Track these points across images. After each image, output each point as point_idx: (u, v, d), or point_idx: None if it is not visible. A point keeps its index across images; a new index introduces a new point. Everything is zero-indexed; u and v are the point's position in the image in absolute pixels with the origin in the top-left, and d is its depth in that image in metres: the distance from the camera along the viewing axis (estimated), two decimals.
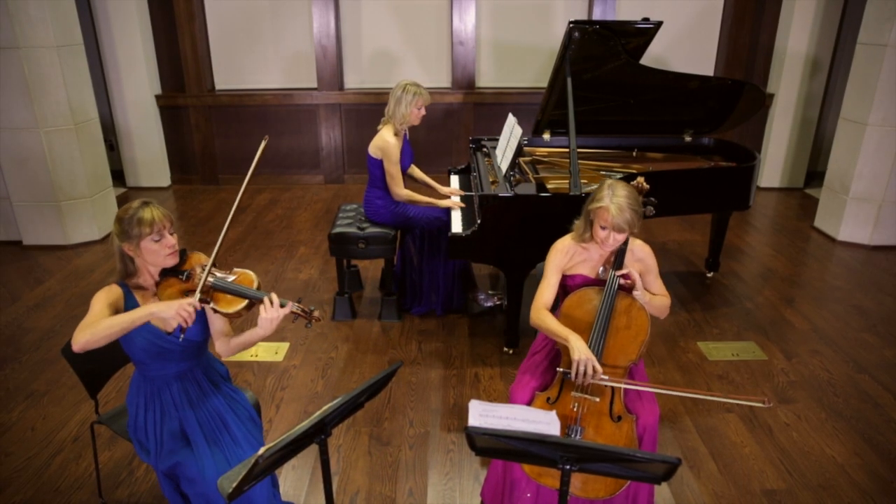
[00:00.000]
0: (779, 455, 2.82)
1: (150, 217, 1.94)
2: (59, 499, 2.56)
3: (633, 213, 2.14)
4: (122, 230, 1.96)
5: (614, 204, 2.12)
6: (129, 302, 2.02)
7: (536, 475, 2.16)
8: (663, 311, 2.32)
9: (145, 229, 1.93)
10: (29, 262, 4.84)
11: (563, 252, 2.34)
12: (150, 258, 1.99)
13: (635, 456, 1.41)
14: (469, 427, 1.49)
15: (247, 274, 2.12)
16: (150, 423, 2.11)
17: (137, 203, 1.98)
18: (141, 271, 2.04)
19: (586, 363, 2.03)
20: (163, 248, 1.98)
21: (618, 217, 2.12)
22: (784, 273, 4.62)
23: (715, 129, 4.39)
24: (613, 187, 2.17)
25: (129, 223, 1.94)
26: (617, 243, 2.21)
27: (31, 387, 3.29)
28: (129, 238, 1.95)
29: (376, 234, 3.77)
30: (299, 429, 1.49)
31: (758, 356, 3.57)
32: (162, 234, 1.97)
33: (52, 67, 4.70)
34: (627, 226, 2.13)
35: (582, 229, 2.28)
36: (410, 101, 3.62)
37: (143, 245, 1.96)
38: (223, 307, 2.03)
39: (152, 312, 1.88)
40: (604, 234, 2.18)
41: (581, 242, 2.31)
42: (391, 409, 3.11)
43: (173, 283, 2.04)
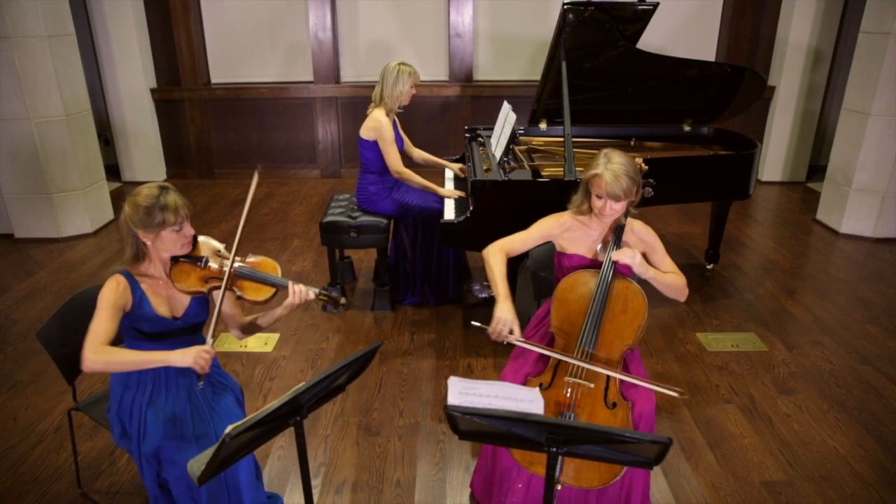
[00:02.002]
0: (779, 446, 2.73)
1: (175, 206, 1.85)
2: (38, 489, 2.50)
3: (630, 181, 2.07)
4: (141, 218, 1.85)
5: (609, 171, 2.06)
6: (135, 293, 1.94)
7: (528, 463, 2.08)
8: (680, 290, 2.21)
9: (169, 219, 1.85)
10: (20, 254, 4.78)
11: (559, 223, 2.26)
12: (165, 247, 1.92)
13: (623, 436, 1.34)
14: (448, 406, 1.42)
15: (268, 261, 2.09)
16: (136, 404, 2.04)
17: (157, 188, 1.87)
18: (150, 258, 1.97)
19: (504, 323, 2.04)
20: (181, 238, 1.92)
21: (613, 184, 2.05)
22: (785, 265, 4.53)
23: (715, 118, 4.31)
24: (609, 155, 2.10)
25: (151, 212, 1.84)
26: (614, 213, 2.13)
27: (16, 377, 3.22)
28: (149, 227, 1.86)
29: (369, 222, 3.70)
30: (270, 407, 1.42)
31: (758, 347, 3.48)
32: (183, 224, 1.90)
33: (44, 58, 4.64)
34: (623, 193, 2.06)
35: (579, 201, 2.21)
36: (406, 80, 3.59)
37: (164, 235, 1.88)
38: (251, 295, 1.99)
39: (167, 360, 1.83)
40: (600, 203, 2.11)
41: (579, 216, 2.24)
42: (381, 400, 3.04)
43: (190, 271, 1.98)
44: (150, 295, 1.96)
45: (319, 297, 2.05)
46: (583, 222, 2.26)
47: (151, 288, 1.97)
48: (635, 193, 2.15)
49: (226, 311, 2.12)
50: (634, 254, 2.10)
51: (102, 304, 1.86)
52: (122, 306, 1.90)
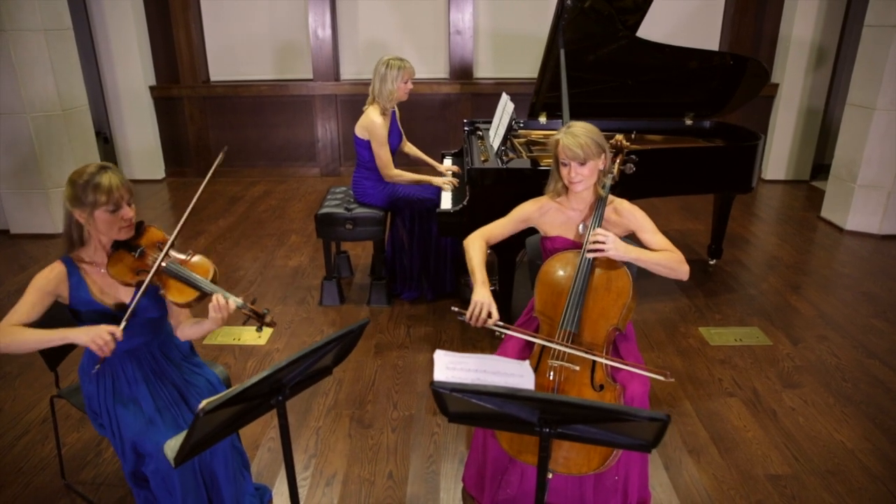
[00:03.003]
0: (784, 440, 2.65)
1: (108, 184, 1.76)
2: (21, 480, 2.43)
3: (590, 140, 2.04)
4: (74, 195, 1.78)
5: (567, 133, 2.06)
6: (72, 280, 1.87)
7: (516, 452, 2.01)
8: (674, 267, 2.08)
9: (101, 197, 1.76)
10: (14, 249, 4.74)
11: (537, 206, 2.23)
12: (102, 229, 1.83)
13: (618, 412, 1.27)
14: (435, 383, 1.35)
15: (204, 263, 1.95)
16: (102, 398, 1.98)
17: (95, 167, 1.80)
18: (91, 242, 1.89)
19: (482, 306, 1.99)
20: (118, 221, 1.82)
21: (572, 145, 2.03)
22: (790, 261, 4.46)
23: (717, 111, 4.25)
24: (569, 124, 2.10)
25: (84, 189, 1.76)
26: (583, 179, 2.08)
27: (4, 369, 3.17)
28: (81, 204, 1.78)
29: (364, 214, 3.64)
30: (248, 383, 1.36)
31: (762, 341, 3.41)
32: (119, 204, 1.80)
33: (40, 51, 4.61)
34: (583, 152, 2.02)
35: (554, 181, 2.18)
36: (396, 76, 3.49)
37: (98, 215, 1.79)
38: (173, 296, 1.88)
39: (66, 337, 1.75)
40: (566, 170, 2.08)
41: (557, 197, 2.19)
42: (375, 392, 2.97)
43: (124, 258, 1.90)
44: (89, 282, 1.88)
45: (242, 310, 1.86)
46: (561, 203, 2.21)
47: (91, 275, 1.90)
48: (603, 159, 2.10)
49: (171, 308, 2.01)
50: (607, 236, 2.01)
51: (30, 287, 1.82)
52: (51, 292, 1.83)
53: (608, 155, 2.13)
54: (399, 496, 2.36)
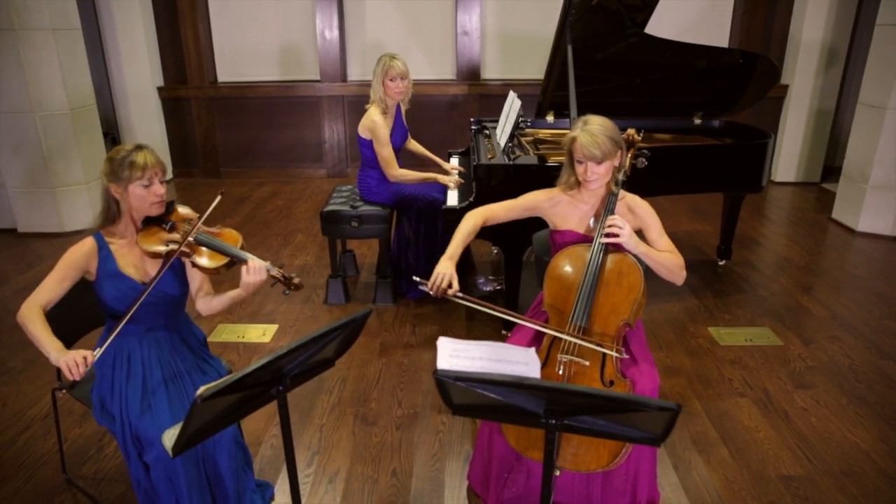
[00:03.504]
0: (796, 440, 2.60)
1: (143, 161, 1.89)
2: (22, 474, 2.41)
3: (608, 140, 2.00)
4: (111, 170, 1.89)
5: (585, 132, 2.01)
6: (102, 254, 1.93)
7: (523, 448, 1.97)
8: (674, 270, 2.07)
9: (136, 172, 1.87)
10: (22, 247, 4.75)
11: (546, 193, 2.19)
12: (136, 203, 1.92)
13: (626, 400, 1.23)
14: (438, 371, 1.32)
15: (232, 233, 2.07)
16: (116, 383, 1.97)
17: (131, 146, 1.93)
18: (124, 217, 1.97)
19: (443, 277, 1.99)
20: (150, 196, 1.92)
21: (590, 144, 1.98)
22: (800, 262, 4.40)
23: (726, 110, 4.20)
24: (586, 119, 2.06)
25: (121, 164, 1.88)
26: (598, 178, 2.04)
27: (8, 364, 3.16)
28: (118, 179, 1.89)
29: (370, 212, 3.61)
30: (247, 370, 1.33)
31: (773, 342, 3.35)
32: (152, 180, 1.91)
33: (49, 51, 4.62)
34: (601, 152, 1.98)
35: (566, 175, 2.13)
36: (379, 73, 3.47)
37: (132, 189, 1.89)
38: (204, 262, 1.96)
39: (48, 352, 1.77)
40: (581, 167, 2.04)
41: (568, 190, 2.15)
42: (379, 390, 2.94)
43: (155, 231, 1.99)
44: (117, 255, 1.95)
45: (271, 273, 1.97)
46: (573, 196, 2.18)
47: (120, 249, 1.97)
48: (619, 156, 2.07)
49: (193, 282, 2.08)
50: (624, 224, 1.99)
51: (60, 262, 1.88)
52: (80, 267, 1.89)
53: (624, 151, 2.09)
54: (403, 494, 2.33)
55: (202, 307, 2.09)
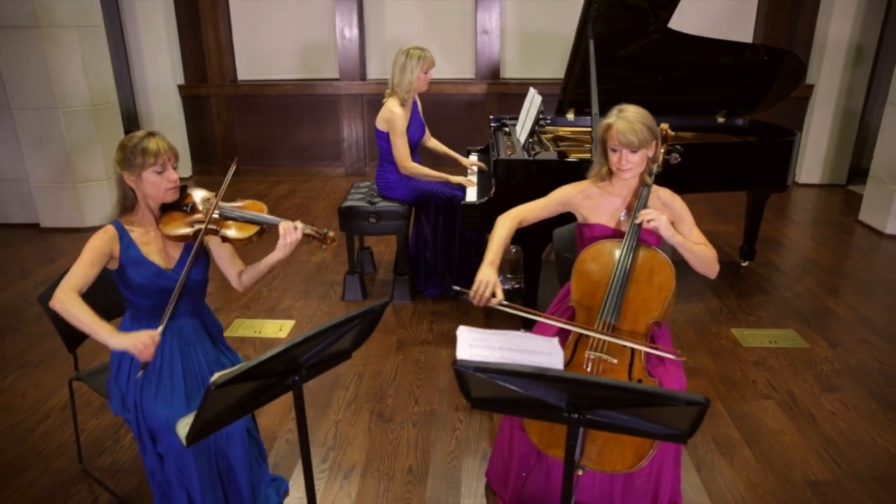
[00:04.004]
0: (824, 445, 2.52)
1: (156, 147, 1.87)
2: (39, 464, 2.42)
3: (644, 128, 1.95)
4: (124, 157, 1.88)
5: (621, 119, 1.96)
6: (123, 241, 1.92)
7: (546, 445, 1.93)
8: (710, 263, 2.04)
9: (149, 159, 1.85)
10: (44, 242, 4.79)
11: (577, 187, 2.14)
12: (150, 190, 1.91)
13: (652, 393, 1.18)
14: (458, 362, 1.28)
15: (256, 202, 2.07)
16: (133, 370, 1.95)
17: (143, 132, 1.91)
18: (140, 206, 1.96)
19: (487, 285, 1.91)
20: (164, 182, 1.90)
21: (626, 131, 1.93)
22: (826, 264, 4.30)
23: (751, 108, 4.12)
24: (622, 107, 2.01)
25: (133, 151, 1.86)
26: (633, 167, 1.99)
27: (28, 356, 3.18)
28: (130, 167, 1.87)
29: (388, 208, 3.59)
30: (262, 357, 1.30)
31: (798, 344, 3.27)
32: (165, 166, 1.89)
33: (72, 47, 4.67)
34: (638, 140, 1.93)
35: (598, 165, 2.08)
36: (416, 65, 3.44)
37: (145, 176, 1.88)
38: (235, 234, 1.96)
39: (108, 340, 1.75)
40: (616, 156, 1.99)
41: (599, 182, 2.10)
42: (396, 387, 2.91)
43: (176, 215, 1.98)
44: (139, 243, 1.93)
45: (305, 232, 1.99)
46: (604, 188, 2.12)
47: (141, 237, 1.95)
48: (654, 146, 2.02)
49: (222, 263, 2.08)
50: (661, 214, 1.96)
51: (86, 248, 1.86)
52: (106, 253, 1.87)
53: (659, 141, 2.04)
54: (419, 491, 2.29)
55: (240, 283, 2.08)
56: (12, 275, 4.19)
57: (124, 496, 2.25)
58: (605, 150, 2.04)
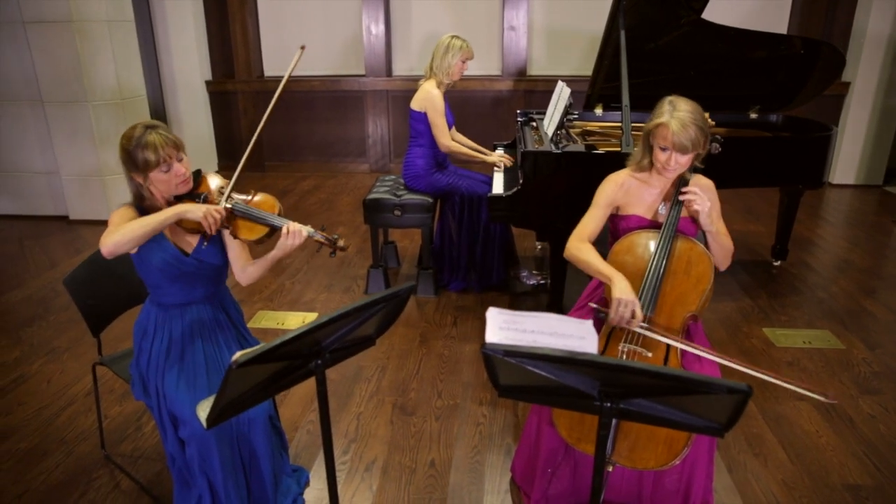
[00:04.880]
0: (863, 448, 2.42)
1: (155, 145, 1.79)
2: (63, 448, 2.42)
3: (698, 130, 1.86)
4: (126, 160, 1.82)
5: (675, 119, 1.85)
6: None
7: (576, 440, 1.87)
8: (727, 252, 2.01)
9: (151, 158, 1.79)
10: (72, 234, 4.86)
11: (618, 184, 2.06)
12: (161, 187, 1.86)
13: (691, 379, 1.13)
14: (487, 345, 1.23)
15: (268, 199, 1.99)
16: (154, 357, 1.94)
17: (141, 128, 1.82)
18: (154, 198, 1.91)
19: (627, 304, 1.77)
20: (173, 178, 1.85)
21: (680, 133, 1.84)
22: (862, 265, 4.16)
23: (786, 104, 4.01)
24: (674, 102, 1.90)
25: (134, 154, 1.80)
26: (679, 168, 1.92)
27: (54, 343, 3.20)
28: (136, 169, 1.82)
29: (413, 201, 3.56)
30: (284, 337, 1.27)
31: (833, 345, 3.16)
32: (169, 163, 1.82)
33: (103, 41, 4.72)
34: (691, 144, 1.85)
35: (640, 155, 2.01)
36: (457, 52, 3.48)
37: (152, 176, 1.83)
38: (244, 234, 1.92)
39: (180, 213, 1.78)
40: (664, 156, 1.90)
41: (638, 172, 2.04)
42: (419, 380, 2.87)
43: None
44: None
45: (314, 238, 1.93)
46: (642, 180, 2.05)
47: None
48: (703, 146, 1.94)
49: (231, 254, 2.03)
50: (705, 199, 1.89)
51: (112, 219, 1.82)
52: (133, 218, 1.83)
53: (707, 140, 1.96)
54: (441, 485, 2.25)
55: (241, 276, 2.05)
56: (41, 265, 4.24)
57: (145, 482, 2.25)
58: (651, 143, 1.96)
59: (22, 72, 4.86)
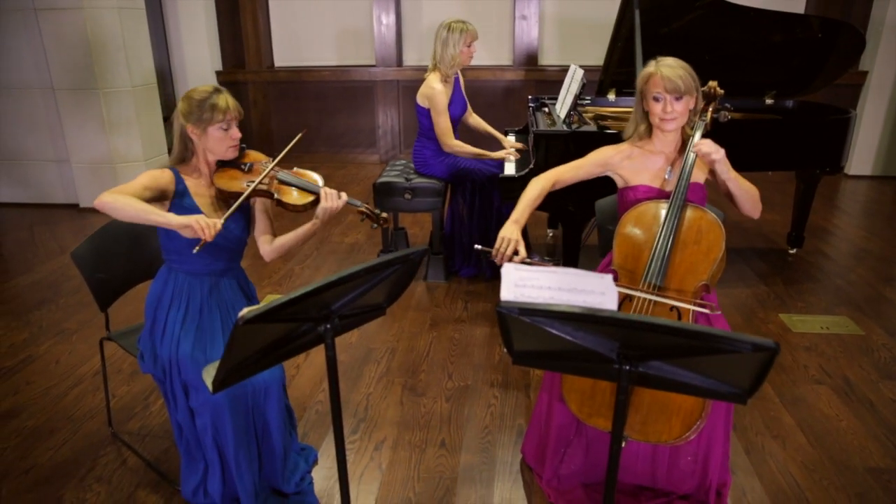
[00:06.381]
0: (885, 432, 2.36)
1: (224, 104, 1.84)
2: (70, 426, 2.41)
3: (687, 74, 1.86)
4: (190, 110, 1.84)
5: (662, 65, 1.87)
6: (179, 184, 1.90)
7: (587, 416, 1.83)
8: (757, 201, 1.99)
9: (217, 115, 1.83)
10: (83, 221, 4.85)
11: (615, 148, 2.04)
12: (212, 145, 1.88)
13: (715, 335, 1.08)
14: (502, 304, 1.19)
15: (310, 172, 2.07)
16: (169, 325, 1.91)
17: (210, 87, 1.88)
18: (197, 159, 1.93)
19: (508, 241, 1.84)
20: (228, 139, 1.88)
21: (669, 75, 1.84)
22: (880, 254, 4.08)
23: (803, 89, 3.94)
24: (657, 59, 1.91)
25: (201, 105, 1.83)
26: (677, 117, 1.88)
27: (63, 325, 3.19)
28: (198, 120, 1.84)
29: (424, 184, 3.52)
30: (292, 295, 1.24)
31: (852, 331, 3.09)
32: (231, 124, 1.87)
33: (113, 29, 4.71)
34: (683, 84, 1.83)
35: (634, 125, 1.99)
36: (458, 39, 3.36)
37: (211, 131, 1.85)
38: (290, 199, 1.95)
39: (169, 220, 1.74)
40: (659, 105, 1.88)
41: (637, 141, 2.00)
42: (429, 362, 2.83)
43: (232, 171, 1.96)
44: (192, 192, 1.91)
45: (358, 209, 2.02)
46: (644, 147, 2.01)
47: (195, 187, 1.92)
48: (696, 97, 1.91)
49: (259, 226, 2.04)
50: (718, 148, 1.85)
51: (142, 176, 1.83)
52: (159, 185, 1.84)
53: (699, 94, 1.94)
54: (451, 465, 2.21)
55: (265, 251, 2.03)
56: (51, 250, 4.24)
57: (152, 459, 2.22)
58: (644, 107, 1.94)
59: (33, 59, 4.86)
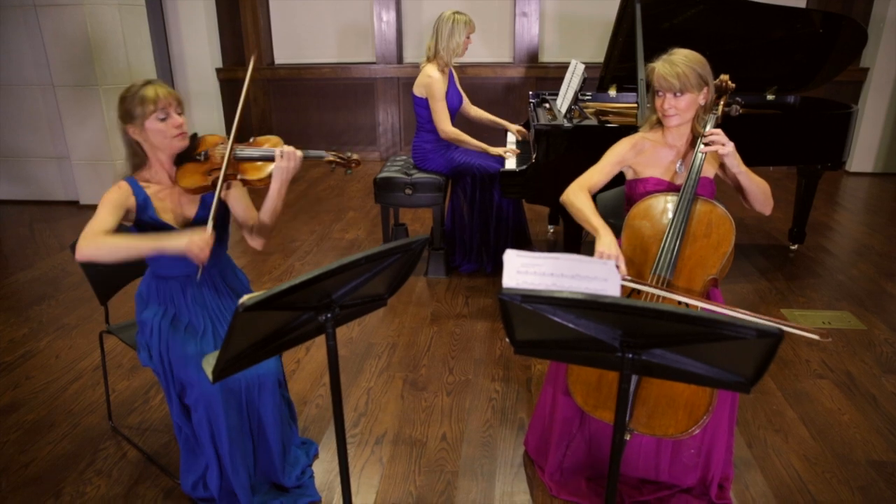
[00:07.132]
0: (888, 426, 2.35)
1: (154, 94, 1.76)
2: (70, 420, 2.40)
3: (689, 69, 1.83)
4: (124, 110, 1.79)
5: (665, 62, 1.85)
6: (139, 196, 1.83)
7: (592, 408, 1.83)
8: (769, 196, 1.97)
9: (149, 107, 1.75)
10: (82, 219, 4.82)
11: (629, 142, 2.02)
12: (157, 140, 1.80)
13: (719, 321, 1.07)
14: (504, 291, 1.18)
15: (270, 137, 1.93)
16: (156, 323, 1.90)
17: (141, 81, 1.80)
18: (151, 162, 1.86)
19: (610, 257, 1.78)
20: (169, 129, 1.79)
21: (667, 73, 1.82)
22: (882, 250, 4.07)
23: (804, 84, 3.93)
24: (671, 51, 1.90)
25: (132, 101, 1.76)
26: (678, 112, 1.88)
27: (63, 320, 3.18)
28: (132, 118, 1.78)
29: (425, 179, 3.51)
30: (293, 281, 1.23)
31: (854, 325, 3.08)
32: (168, 112, 1.78)
33: (113, 25, 4.70)
34: (679, 83, 1.82)
35: (649, 112, 1.98)
36: (462, 30, 3.38)
37: (148, 125, 1.77)
38: (252, 175, 1.85)
39: (163, 246, 1.70)
40: (659, 101, 1.88)
41: (650, 133, 1.99)
42: (430, 357, 2.82)
43: (191, 167, 1.86)
44: (155, 201, 1.84)
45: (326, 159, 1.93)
46: (656, 140, 2.00)
47: (156, 194, 1.85)
48: (705, 93, 1.89)
49: (238, 214, 1.97)
50: (727, 140, 1.85)
51: (102, 203, 1.78)
52: (122, 205, 1.78)
53: (711, 89, 1.92)
54: (453, 458, 2.20)
55: (254, 239, 1.99)
56: (51, 247, 4.24)
57: (152, 453, 2.21)
58: (654, 96, 1.93)
59: (33, 56, 4.85)
